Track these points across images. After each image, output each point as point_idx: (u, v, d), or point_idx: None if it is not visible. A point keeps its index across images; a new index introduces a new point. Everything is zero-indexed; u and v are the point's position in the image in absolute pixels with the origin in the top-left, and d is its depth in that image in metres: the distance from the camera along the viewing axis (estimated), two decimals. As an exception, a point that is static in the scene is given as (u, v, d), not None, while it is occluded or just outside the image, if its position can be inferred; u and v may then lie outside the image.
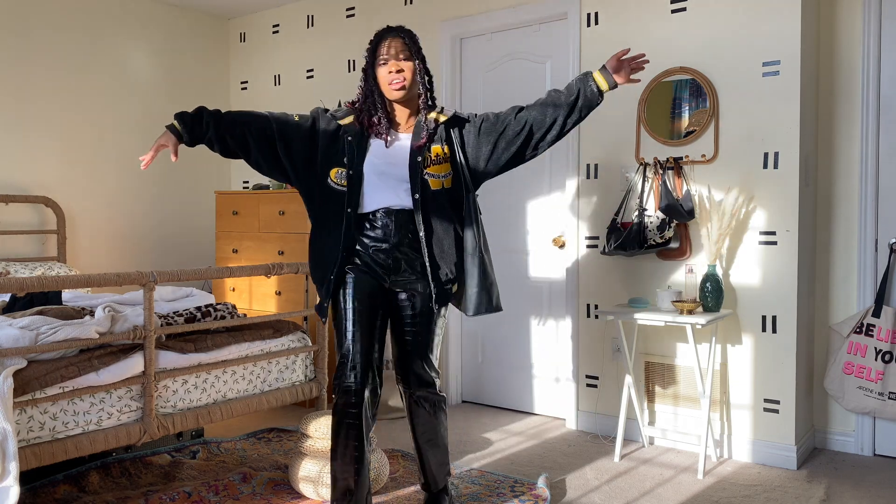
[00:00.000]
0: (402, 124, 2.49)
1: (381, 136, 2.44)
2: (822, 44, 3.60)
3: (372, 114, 2.43)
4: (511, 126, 2.44)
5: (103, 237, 4.99)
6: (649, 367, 3.74)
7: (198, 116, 2.47)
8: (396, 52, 2.38)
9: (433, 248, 2.43)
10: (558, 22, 4.05)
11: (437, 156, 2.44)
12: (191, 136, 2.46)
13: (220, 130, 2.46)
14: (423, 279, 2.47)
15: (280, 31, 5.32)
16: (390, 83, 2.38)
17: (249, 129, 2.46)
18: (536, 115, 2.43)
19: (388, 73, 2.38)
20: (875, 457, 3.51)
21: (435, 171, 2.43)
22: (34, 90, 4.61)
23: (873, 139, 3.48)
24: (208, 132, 2.46)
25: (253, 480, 3.01)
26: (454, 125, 2.49)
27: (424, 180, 2.41)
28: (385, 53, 2.38)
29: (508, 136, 2.45)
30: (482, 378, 4.46)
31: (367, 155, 2.42)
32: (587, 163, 3.92)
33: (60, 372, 2.55)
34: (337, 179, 2.42)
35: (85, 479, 2.96)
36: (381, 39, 2.41)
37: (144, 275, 2.77)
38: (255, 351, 3.25)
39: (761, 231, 3.44)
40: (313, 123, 2.49)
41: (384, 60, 2.38)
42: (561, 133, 2.45)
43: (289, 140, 2.46)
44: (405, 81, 2.38)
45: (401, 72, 2.38)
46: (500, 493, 2.97)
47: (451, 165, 2.46)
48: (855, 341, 3.46)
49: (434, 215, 2.43)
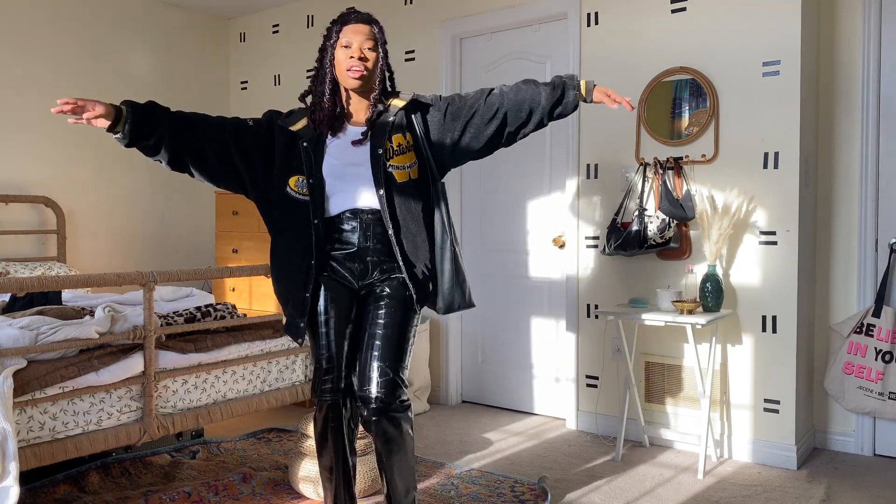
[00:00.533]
0: (355, 116, 2.29)
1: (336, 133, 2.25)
2: (822, 44, 3.60)
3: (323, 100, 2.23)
4: (480, 112, 2.25)
5: (103, 237, 4.99)
6: (649, 367, 3.74)
7: (149, 110, 2.17)
8: (363, 40, 2.19)
9: (405, 246, 2.24)
10: (558, 22, 4.05)
11: (399, 145, 2.24)
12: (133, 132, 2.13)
13: (175, 128, 2.19)
14: (396, 280, 2.28)
15: (280, 31, 5.32)
16: (349, 69, 2.18)
17: (206, 131, 2.24)
18: (511, 107, 2.24)
19: (348, 58, 2.18)
20: (875, 457, 3.51)
21: (399, 162, 2.23)
22: (34, 90, 4.61)
23: (873, 139, 3.48)
24: (158, 129, 2.16)
25: (253, 480, 3.01)
26: (415, 110, 2.29)
27: (389, 173, 2.22)
28: (350, 37, 2.19)
29: (477, 124, 2.26)
30: (482, 378, 4.46)
31: (325, 158, 2.23)
32: (587, 163, 3.92)
33: (60, 372, 2.55)
34: (297, 188, 2.24)
35: (85, 479, 2.96)
36: (347, 21, 2.22)
37: (144, 275, 2.77)
38: (255, 351, 3.25)
39: (761, 231, 3.44)
40: (269, 129, 2.29)
41: (347, 44, 2.19)
42: (536, 129, 2.29)
43: (246, 147, 2.26)
44: (365, 71, 2.19)
45: (363, 60, 2.18)
46: (500, 493, 2.97)
47: (416, 154, 2.27)
48: (855, 341, 3.46)
49: (403, 210, 2.24)
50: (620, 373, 3.77)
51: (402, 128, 2.26)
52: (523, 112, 2.24)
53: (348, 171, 2.23)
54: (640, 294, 3.72)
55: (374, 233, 2.25)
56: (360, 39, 2.19)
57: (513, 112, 2.25)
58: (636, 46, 3.74)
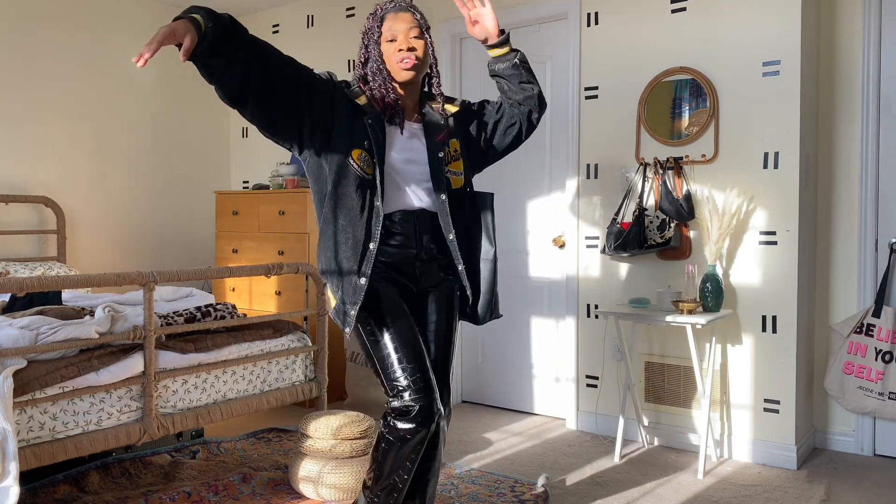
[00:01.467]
0: (408, 111, 2.20)
1: (396, 122, 2.13)
2: (822, 44, 3.60)
3: (385, 95, 2.11)
4: (507, 113, 2.27)
5: (103, 237, 4.99)
6: (649, 367, 3.74)
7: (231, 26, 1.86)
8: (408, 28, 2.09)
9: (463, 254, 2.20)
10: (558, 22, 4.05)
11: (455, 151, 2.20)
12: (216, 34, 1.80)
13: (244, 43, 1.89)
14: (448, 287, 2.24)
15: (280, 31, 5.32)
16: (400, 61, 2.08)
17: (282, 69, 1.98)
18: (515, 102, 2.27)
19: (397, 50, 2.08)
20: (875, 457, 3.51)
21: (454, 169, 2.19)
22: (34, 90, 4.61)
23: (873, 139, 3.48)
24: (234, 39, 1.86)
25: (253, 480, 3.01)
26: (462, 116, 2.27)
27: (447, 179, 2.16)
28: (394, 28, 2.10)
29: (505, 124, 2.28)
30: (482, 378, 4.46)
31: (388, 147, 2.11)
32: (587, 163, 3.92)
33: (60, 372, 2.55)
34: (360, 163, 2.05)
35: (85, 479, 2.96)
36: (386, 13, 2.12)
37: (144, 275, 2.77)
38: (255, 351, 3.25)
39: (761, 231, 3.44)
40: (335, 88, 2.10)
41: (392, 37, 2.10)
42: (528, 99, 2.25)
43: (315, 97, 2.04)
44: (417, 61, 2.09)
45: (412, 50, 2.08)
46: (500, 493, 2.97)
47: (463, 161, 2.24)
48: (855, 341, 3.46)
49: (458, 217, 2.19)
50: (620, 373, 3.77)
51: (456, 134, 2.23)
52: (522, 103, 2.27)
53: (407, 168, 2.14)
54: (640, 294, 3.72)
55: (431, 236, 2.18)
56: (404, 29, 2.09)
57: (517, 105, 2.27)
58: (636, 46, 3.74)
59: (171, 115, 5.35)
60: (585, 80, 3.91)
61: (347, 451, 2.88)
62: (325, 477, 2.85)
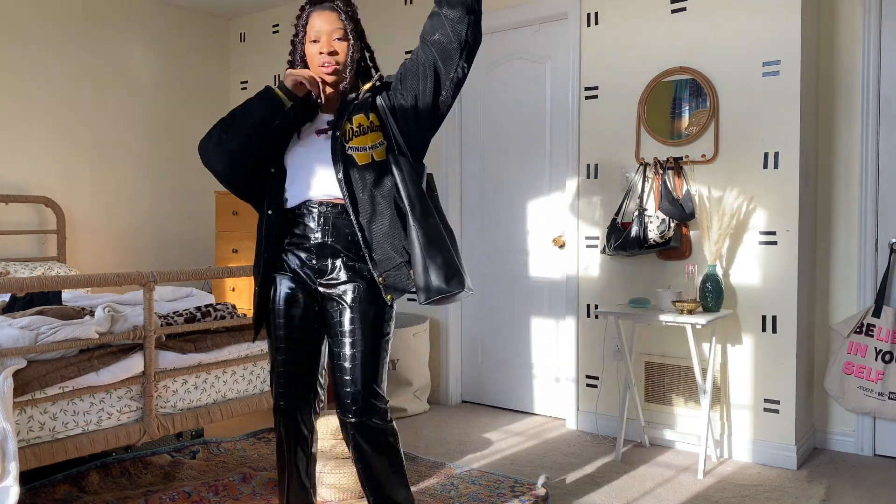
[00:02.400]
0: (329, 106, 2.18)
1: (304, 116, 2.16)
2: (822, 44, 3.60)
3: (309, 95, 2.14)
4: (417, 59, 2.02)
5: (103, 237, 4.99)
6: (649, 367, 3.74)
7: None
8: (330, 31, 2.07)
9: (369, 231, 2.06)
10: (558, 22, 4.05)
11: (359, 126, 2.07)
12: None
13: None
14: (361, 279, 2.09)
15: (280, 31, 5.32)
16: (321, 65, 2.08)
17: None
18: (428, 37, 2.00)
19: (318, 53, 2.08)
20: (875, 457, 3.51)
21: (359, 143, 2.06)
22: (34, 90, 4.61)
23: (873, 139, 3.48)
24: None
25: (253, 480, 3.01)
26: (382, 90, 2.13)
27: (348, 156, 2.06)
28: (317, 28, 2.08)
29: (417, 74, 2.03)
30: (482, 378, 4.46)
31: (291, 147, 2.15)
32: (587, 163, 3.92)
33: (60, 372, 2.55)
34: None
35: (85, 479, 2.96)
36: (313, 10, 2.11)
37: (144, 275, 2.77)
38: (255, 351, 3.25)
39: (761, 231, 3.44)
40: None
41: (315, 37, 2.08)
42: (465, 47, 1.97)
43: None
44: (338, 66, 2.08)
45: (333, 54, 2.07)
46: (500, 493, 2.97)
47: (384, 135, 2.09)
48: (855, 341, 3.46)
49: (365, 193, 2.06)
50: (620, 373, 3.77)
51: (366, 108, 2.10)
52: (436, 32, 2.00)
53: (312, 161, 2.11)
54: (640, 294, 3.72)
55: (335, 226, 2.10)
56: (327, 31, 2.07)
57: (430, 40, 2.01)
58: (636, 46, 3.74)
59: (171, 116, 5.35)
60: (585, 80, 3.91)
61: (347, 451, 2.88)
62: (324, 477, 2.85)
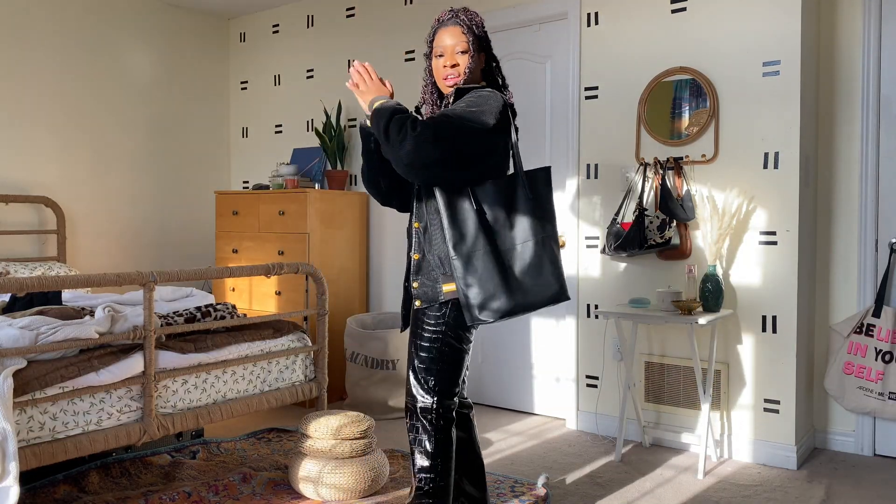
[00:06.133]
0: None
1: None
2: (822, 44, 3.60)
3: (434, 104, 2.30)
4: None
5: (103, 237, 4.99)
6: (649, 367, 3.74)
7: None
8: (453, 45, 2.21)
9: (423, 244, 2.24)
10: (558, 22, 4.05)
11: None
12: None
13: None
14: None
15: (280, 31, 5.32)
16: (445, 78, 2.23)
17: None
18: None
19: (442, 66, 2.23)
20: (875, 457, 3.51)
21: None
22: (34, 90, 4.61)
23: (873, 139, 3.48)
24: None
25: (253, 480, 3.01)
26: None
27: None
28: (442, 44, 2.23)
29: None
30: (482, 378, 4.46)
31: None
32: (587, 163, 3.92)
33: (60, 372, 2.55)
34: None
35: (85, 479, 2.96)
36: (439, 28, 2.26)
37: (144, 275, 2.77)
38: (255, 351, 3.25)
39: (761, 231, 3.44)
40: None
41: (440, 52, 2.23)
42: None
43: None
44: (459, 77, 2.22)
45: (455, 66, 2.21)
46: (500, 493, 2.97)
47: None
48: (855, 341, 3.46)
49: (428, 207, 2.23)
50: (620, 373, 3.77)
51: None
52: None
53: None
54: (640, 294, 3.72)
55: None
56: (451, 45, 2.21)
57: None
58: (636, 46, 3.74)
59: (171, 115, 5.35)
60: (585, 80, 3.91)
61: (347, 452, 2.88)
62: (325, 477, 2.85)
